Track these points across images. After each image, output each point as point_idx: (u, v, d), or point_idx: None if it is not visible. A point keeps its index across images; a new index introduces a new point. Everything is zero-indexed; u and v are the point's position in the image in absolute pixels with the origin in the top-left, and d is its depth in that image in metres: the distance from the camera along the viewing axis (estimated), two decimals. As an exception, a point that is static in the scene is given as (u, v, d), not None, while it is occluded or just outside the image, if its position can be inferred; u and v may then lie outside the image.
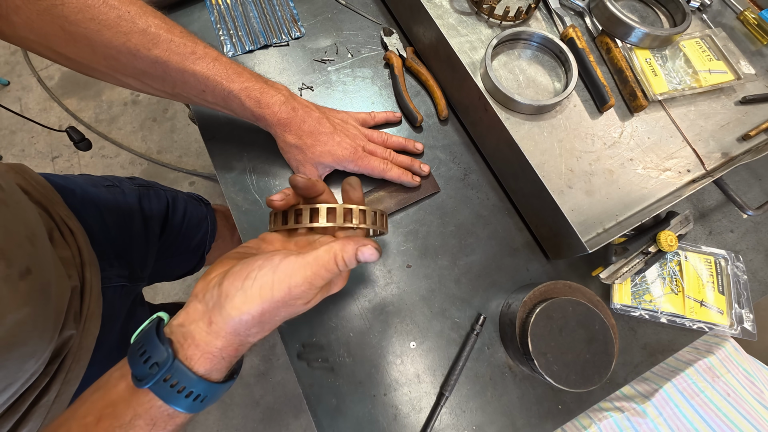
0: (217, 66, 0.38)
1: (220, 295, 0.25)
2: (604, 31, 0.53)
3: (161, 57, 0.36)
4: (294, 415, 1.16)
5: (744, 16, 0.57)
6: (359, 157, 0.44)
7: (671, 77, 0.51)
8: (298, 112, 0.42)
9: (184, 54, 0.36)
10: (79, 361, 0.38)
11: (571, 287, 0.40)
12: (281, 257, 0.25)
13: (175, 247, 0.64)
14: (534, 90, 0.50)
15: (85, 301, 0.39)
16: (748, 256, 0.48)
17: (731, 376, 0.48)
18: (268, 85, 0.41)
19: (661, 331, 0.45)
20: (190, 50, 0.37)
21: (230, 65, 0.39)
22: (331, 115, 0.45)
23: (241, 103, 0.39)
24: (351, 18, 0.56)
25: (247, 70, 0.40)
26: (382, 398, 0.41)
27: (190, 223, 0.67)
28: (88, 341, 0.39)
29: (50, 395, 0.35)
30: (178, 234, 0.64)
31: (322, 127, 0.43)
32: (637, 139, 0.49)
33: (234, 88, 0.39)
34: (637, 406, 0.47)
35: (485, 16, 0.53)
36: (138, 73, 0.37)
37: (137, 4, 0.35)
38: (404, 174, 0.46)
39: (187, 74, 0.37)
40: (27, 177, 0.43)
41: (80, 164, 1.43)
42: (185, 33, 0.37)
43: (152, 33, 0.35)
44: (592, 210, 0.45)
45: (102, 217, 0.50)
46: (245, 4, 0.55)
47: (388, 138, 0.48)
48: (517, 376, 0.42)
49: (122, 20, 0.34)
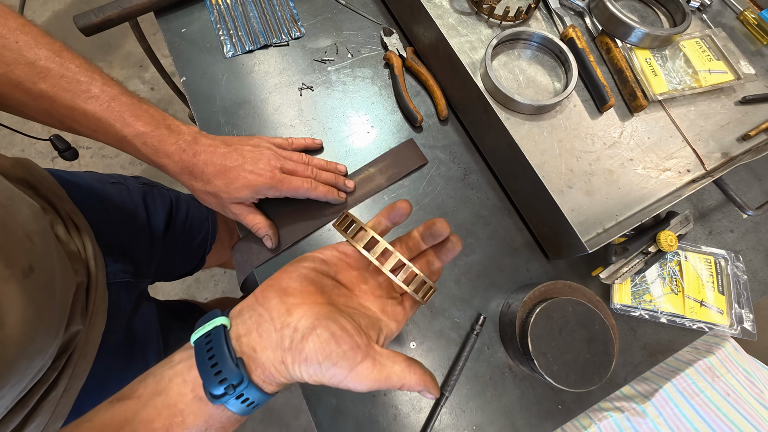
0: (112, 107, 0.35)
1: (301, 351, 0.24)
2: (604, 31, 0.53)
3: (48, 92, 0.34)
4: (294, 415, 1.16)
5: (744, 16, 0.57)
6: (278, 180, 0.41)
7: (671, 77, 0.51)
8: (200, 156, 0.38)
9: (76, 92, 0.34)
10: (85, 356, 0.38)
11: (571, 287, 0.40)
12: (362, 356, 0.25)
13: (177, 247, 0.64)
14: (534, 90, 0.50)
15: (90, 296, 0.39)
16: (748, 256, 0.48)
17: (731, 376, 0.48)
18: (170, 130, 0.38)
19: (661, 331, 0.45)
20: (84, 88, 0.34)
21: (129, 106, 0.36)
22: (242, 143, 0.42)
23: (137, 150, 0.37)
24: (351, 18, 0.56)
25: (149, 111, 0.37)
26: (382, 398, 0.41)
27: (193, 223, 0.67)
28: (94, 336, 0.39)
29: (58, 390, 0.35)
30: (180, 233, 0.64)
31: (228, 161, 0.39)
32: (637, 139, 0.49)
33: (128, 133, 0.36)
34: (637, 406, 0.47)
35: (485, 16, 0.53)
36: (20, 104, 0.35)
37: (32, 33, 0.34)
38: (330, 191, 0.44)
39: (77, 113, 0.35)
40: (33, 172, 0.42)
41: (80, 165, 1.43)
42: (84, 67, 0.35)
43: (41, 66, 0.33)
44: (592, 210, 0.45)
45: (107, 213, 0.50)
46: (245, 4, 0.55)
47: (310, 159, 0.45)
48: (517, 376, 0.42)
49: (6, 50, 0.32)
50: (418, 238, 0.31)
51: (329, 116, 0.51)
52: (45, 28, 0.35)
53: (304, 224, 0.46)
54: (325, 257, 0.30)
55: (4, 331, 0.25)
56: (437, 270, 0.32)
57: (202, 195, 0.41)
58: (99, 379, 0.40)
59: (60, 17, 1.59)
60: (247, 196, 0.40)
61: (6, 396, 0.28)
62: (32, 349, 0.29)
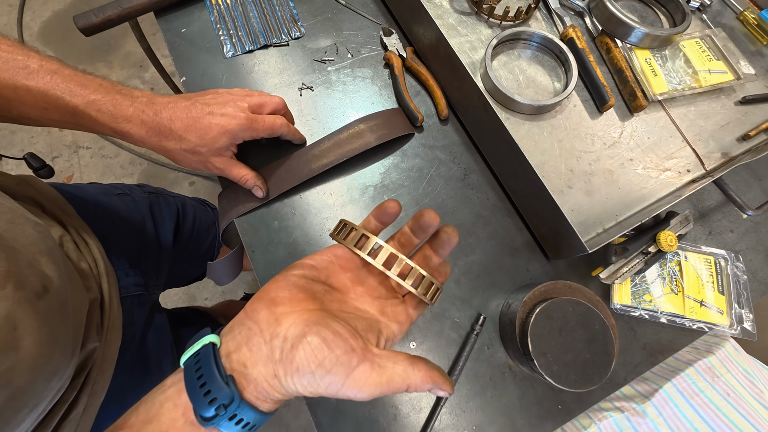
0: (55, 79, 0.34)
1: (291, 361, 0.23)
2: (604, 31, 0.53)
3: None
4: (294, 415, 1.16)
5: (744, 16, 0.57)
6: (252, 119, 0.39)
7: (671, 77, 0.51)
8: (163, 114, 0.37)
9: (14, 69, 0.33)
10: (103, 373, 0.37)
11: (571, 287, 0.40)
12: (358, 360, 0.23)
13: (186, 254, 0.64)
14: (534, 90, 0.50)
15: (105, 312, 0.39)
16: (747, 256, 0.48)
17: (731, 376, 0.48)
18: (122, 94, 0.36)
19: (660, 331, 0.45)
20: (21, 65, 0.34)
21: (72, 77, 0.35)
22: (202, 95, 0.41)
23: (93, 120, 0.35)
24: (351, 18, 0.56)
25: (96, 80, 0.36)
26: (381, 398, 0.41)
27: (200, 228, 0.66)
28: (111, 352, 0.39)
29: (78, 408, 0.34)
30: (189, 240, 0.64)
31: (194, 112, 0.38)
32: (637, 139, 0.49)
33: (78, 103, 0.34)
34: (637, 406, 0.47)
35: (485, 16, 0.53)
36: None
37: None
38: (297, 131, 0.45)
39: (21, 91, 0.34)
40: (39, 189, 0.41)
41: (80, 164, 1.43)
42: (15, 46, 0.34)
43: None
44: (592, 210, 0.45)
45: (115, 226, 0.50)
46: (245, 4, 0.55)
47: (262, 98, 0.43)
48: (517, 376, 0.42)
49: None
50: (409, 232, 0.30)
51: (329, 116, 0.51)
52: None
53: (289, 177, 0.46)
54: (315, 263, 0.28)
55: (18, 355, 0.25)
56: (437, 266, 0.31)
57: (179, 155, 0.39)
58: (117, 394, 0.40)
59: (60, 17, 1.59)
60: (225, 143, 0.39)
61: (26, 420, 0.27)
62: (48, 371, 0.28)
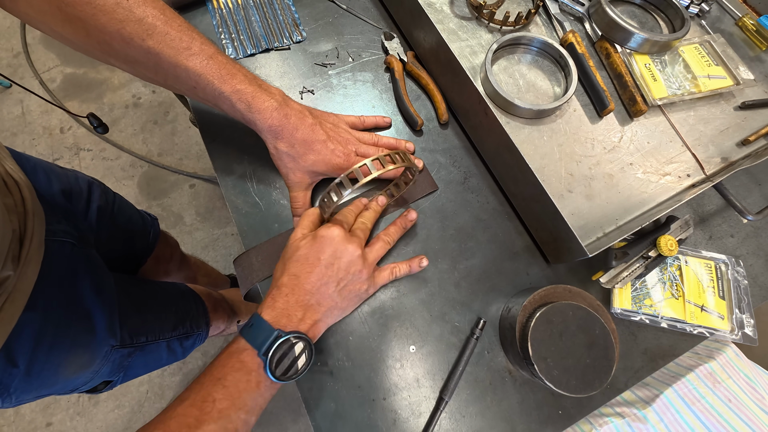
0: (210, 64, 0.38)
1: None
2: (604, 36, 0.53)
3: (154, 48, 0.35)
4: (293, 420, 1.16)
5: (742, 22, 0.57)
6: (352, 163, 0.43)
7: (670, 82, 0.51)
8: (291, 119, 0.41)
9: (178, 48, 0.36)
10: (13, 302, 0.38)
11: (571, 291, 0.40)
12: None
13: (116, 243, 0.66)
14: (534, 94, 0.51)
15: (24, 246, 0.40)
16: (748, 260, 0.48)
17: (732, 382, 0.47)
18: (262, 89, 0.40)
19: (661, 335, 0.45)
20: (185, 45, 0.36)
21: (225, 65, 0.38)
22: (324, 118, 0.45)
23: (232, 105, 0.39)
24: (352, 22, 0.56)
25: (242, 70, 0.40)
26: (381, 402, 0.41)
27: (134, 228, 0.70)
28: (24, 285, 0.40)
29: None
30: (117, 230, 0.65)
31: (315, 135, 0.42)
32: (637, 143, 0.49)
33: (225, 89, 0.38)
34: (638, 412, 0.47)
35: (485, 21, 0.53)
36: (131, 60, 0.37)
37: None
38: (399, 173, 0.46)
39: (180, 69, 0.37)
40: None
41: (81, 166, 1.43)
42: (184, 27, 0.37)
43: (148, 23, 0.35)
44: (592, 214, 0.45)
45: (50, 184, 0.52)
46: (247, 8, 0.55)
47: (379, 139, 0.48)
48: (517, 380, 0.42)
49: (119, 7, 0.34)
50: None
51: (330, 120, 0.51)
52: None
53: None
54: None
55: None
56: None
57: (280, 154, 0.42)
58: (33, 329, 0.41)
59: (62, 20, 1.60)
60: (322, 171, 0.43)
61: None
62: None
